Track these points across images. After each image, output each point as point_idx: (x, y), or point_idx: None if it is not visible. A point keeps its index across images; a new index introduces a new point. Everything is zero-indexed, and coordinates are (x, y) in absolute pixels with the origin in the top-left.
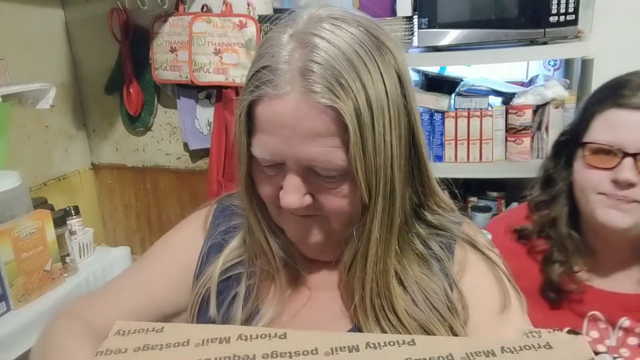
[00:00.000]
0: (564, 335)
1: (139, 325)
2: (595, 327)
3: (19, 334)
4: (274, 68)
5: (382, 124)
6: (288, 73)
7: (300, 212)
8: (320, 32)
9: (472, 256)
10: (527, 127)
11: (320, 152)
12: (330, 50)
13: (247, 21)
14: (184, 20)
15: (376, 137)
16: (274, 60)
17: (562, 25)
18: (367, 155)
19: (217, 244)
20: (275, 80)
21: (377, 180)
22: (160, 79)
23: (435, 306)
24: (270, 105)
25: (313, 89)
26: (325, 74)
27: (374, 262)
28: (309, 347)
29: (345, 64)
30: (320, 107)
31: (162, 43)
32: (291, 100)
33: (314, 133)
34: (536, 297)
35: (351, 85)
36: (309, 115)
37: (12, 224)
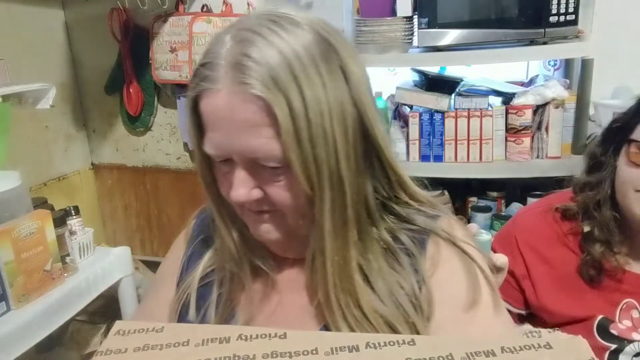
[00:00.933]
0: (564, 335)
1: (139, 325)
2: (628, 316)
3: (19, 334)
4: (212, 64)
5: (320, 115)
6: (222, 68)
7: (253, 206)
8: (258, 29)
9: (446, 251)
10: (527, 127)
11: (258, 143)
12: (265, 46)
13: None
14: (184, 20)
15: (312, 128)
16: (212, 56)
17: (562, 25)
18: (303, 145)
19: (197, 252)
20: (212, 76)
21: (319, 171)
22: (160, 79)
23: (401, 303)
24: (209, 100)
25: (244, 80)
26: (256, 67)
27: (331, 257)
28: (309, 347)
29: (279, 58)
30: (251, 98)
31: (162, 43)
32: (225, 93)
33: (249, 124)
34: (572, 280)
35: (283, 76)
36: (241, 106)
37: (12, 224)
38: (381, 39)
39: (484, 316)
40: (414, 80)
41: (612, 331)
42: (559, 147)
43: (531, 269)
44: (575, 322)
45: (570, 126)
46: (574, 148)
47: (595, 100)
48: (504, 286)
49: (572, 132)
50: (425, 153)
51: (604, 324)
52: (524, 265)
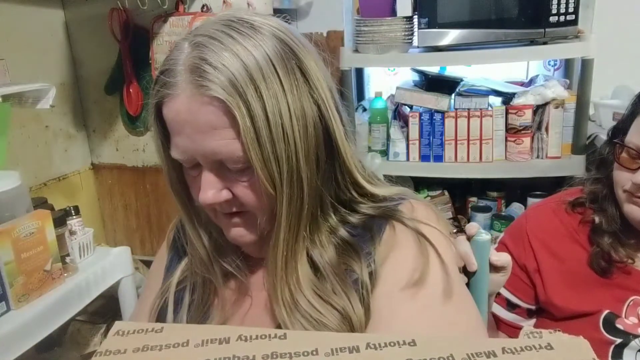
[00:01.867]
0: (565, 336)
1: (139, 326)
2: (635, 313)
3: (19, 334)
4: (171, 70)
5: (279, 114)
6: (181, 73)
7: (224, 208)
8: (214, 34)
9: (402, 234)
10: (527, 127)
11: (220, 145)
12: (221, 50)
13: None
14: (184, 20)
15: (272, 128)
16: (171, 63)
17: (562, 25)
18: (263, 145)
19: (175, 258)
20: (171, 82)
21: (279, 170)
22: None
23: (347, 292)
24: (170, 106)
25: (201, 83)
26: (213, 70)
27: (282, 251)
28: (309, 347)
29: (235, 61)
30: (210, 100)
31: (162, 43)
32: (185, 97)
33: (209, 126)
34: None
35: (240, 77)
36: (201, 109)
37: (12, 224)
38: (381, 39)
39: (425, 297)
40: (414, 80)
41: (618, 325)
42: (559, 147)
43: (541, 264)
44: (582, 317)
45: (570, 126)
46: (574, 148)
47: (595, 100)
48: (515, 282)
49: (572, 132)
50: (425, 153)
51: (610, 318)
52: (535, 259)
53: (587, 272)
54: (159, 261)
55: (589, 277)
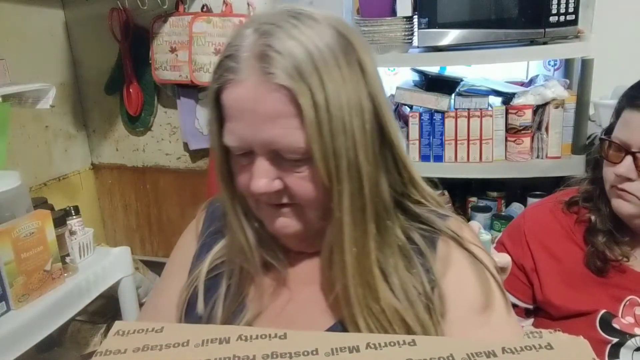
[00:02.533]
0: (565, 336)
1: (139, 326)
2: (631, 313)
3: (19, 334)
4: (235, 56)
5: (340, 107)
6: (247, 60)
7: (273, 199)
8: (280, 23)
9: (456, 253)
10: (527, 127)
11: (282, 134)
12: (286, 38)
13: None
14: (184, 20)
15: (333, 120)
16: (235, 49)
17: (562, 25)
18: (324, 136)
19: (207, 245)
20: (236, 67)
21: (338, 163)
22: (160, 79)
23: (413, 301)
24: (232, 91)
25: (269, 71)
26: (280, 58)
27: (350, 249)
28: (309, 347)
29: (301, 50)
30: (277, 88)
31: (162, 43)
32: (250, 83)
33: (273, 114)
34: (578, 275)
35: (306, 67)
36: (267, 96)
37: (12, 224)
38: (381, 39)
39: (497, 319)
40: (414, 80)
41: (615, 325)
42: (559, 147)
43: (539, 263)
44: (578, 316)
45: (570, 126)
46: (574, 148)
47: (595, 100)
48: (513, 281)
49: (572, 132)
50: (425, 153)
51: (607, 318)
52: (532, 259)
53: (583, 271)
54: (184, 250)
55: (586, 276)
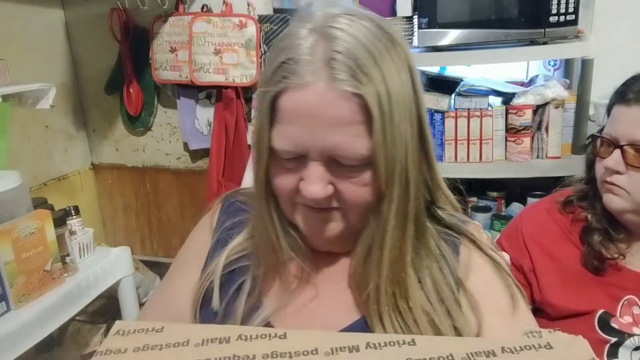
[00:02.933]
0: (565, 335)
1: (139, 325)
2: (629, 312)
3: (19, 334)
4: (297, 60)
5: (398, 113)
6: (312, 64)
7: (321, 203)
8: (339, 25)
9: (478, 258)
10: (527, 127)
11: (344, 141)
12: (351, 41)
13: (247, 21)
14: (184, 20)
15: (394, 126)
16: (296, 52)
17: (562, 25)
18: (387, 143)
19: (223, 240)
20: (300, 71)
21: (394, 169)
22: (160, 79)
23: (445, 301)
24: (296, 96)
25: (338, 77)
26: (348, 62)
27: (389, 250)
28: (309, 347)
29: (365, 53)
30: (346, 95)
31: (162, 43)
32: (316, 89)
33: (339, 121)
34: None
35: (373, 72)
36: (334, 103)
37: (12, 224)
38: None
39: (525, 318)
40: None
41: (613, 325)
42: (559, 147)
43: (536, 264)
44: (577, 316)
45: (570, 126)
46: (574, 148)
47: (595, 100)
48: None
49: (572, 132)
50: None
51: (605, 317)
52: (530, 259)
53: (581, 271)
54: (197, 243)
55: (583, 276)
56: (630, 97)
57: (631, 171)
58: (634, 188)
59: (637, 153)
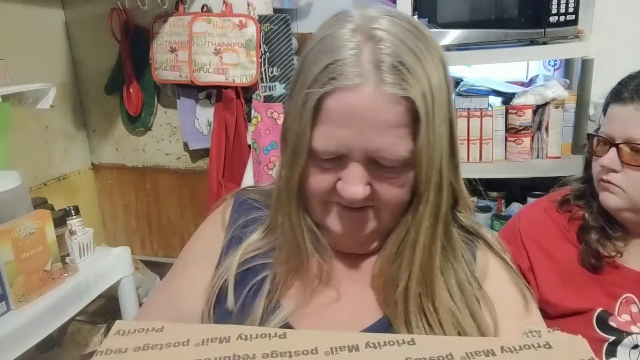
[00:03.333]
0: (564, 334)
1: (139, 325)
2: (627, 311)
3: (19, 334)
4: (344, 61)
5: (439, 113)
6: (360, 66)
7: (358, 203)
8: (382, 26)
9: (493, 261)
10: (527, 127)
11: (390, 143)
12: (396, 42)
13: (247, 21)
14: (184, 20)
15: (435, 126)
16: (342, 54)
17: (562, 25)
18: (429, 145)
19: (237, 237)
20: (347, 73)
21: (432, 170)
22: (160, 79)
23: (468, 301)
24: (344, 97)
25: (387, 80)
26: (396, 64)
27: (421, 250)
28: (308, 346)
29: (410, 54)
30: (395, 98)
31: (162, 43)
32: (366, 92)
33: (386, 124)
34: (573, 273)
35: (418, 73)
36: (383, 106)
37: (12, 224)
38: None
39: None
40: None
41: (611, 323)
42: (559, 147)
43: (534, 263)
44: (575, 314)
45: (570, 126)
46: (574, 148)
47: (595, 100)
48: None
49: (572, 132)
50: None
51: (603, 316)
52: (528, 258)
53: (578, 269)
54: (207, 239)
55: (581, 274)
56: (626, 96)
57: (627, 169)
58: (630, 186)
59: (633, 151)
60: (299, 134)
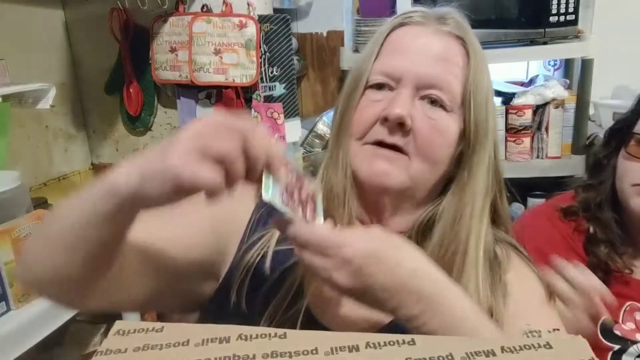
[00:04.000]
0: (564, 335)
1: (139, 325)
2: (632, 319)
3: (19, 334)
4: (412, 13)
5: (487, 80)
6: (424, 16)
7: (394, 133)
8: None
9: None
10: (527, 127)
11: (443, 73)
12: (460, 20)
13: (247, 21)
14: (184, 20)
15: (485, 85)
16: (409, 13)
17: (562, 25)
18: (478, 102)
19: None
20: (415, 17)
21: (482, 129)
22: (160, 79)
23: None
24: (409, 30)
25: (448, 23)
26: (458, 22)
27: (466, 232)
28: (308, 347)
29: (470, 33)
30: (452, 36)
31: (162, 43)
32: (428, 28)
33: (442, 57)
34: None
35: (475, 42)
36: (442, 39)
37: (12, 224)
38: None
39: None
40: None
41: (616, 332)
42: (559, 147)
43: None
44: None
45: (570, 126)
46: (574, 148)
47: (595, 100)
48: None
49: (572, 132)
50: None
51: (608, 325)
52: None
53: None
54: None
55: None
56: None
57: None
58: None
59: None
60: (361, 67)
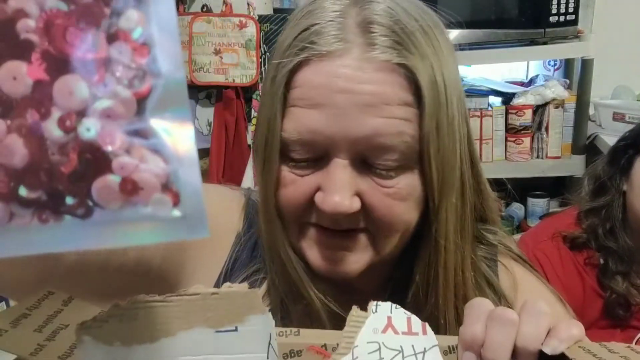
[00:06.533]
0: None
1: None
2: None
3: None
4: (324, 25)
5: (454, 104)
6: (343, 28)
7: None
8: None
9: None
10: (527, 127)
11: (383, 125)
12: (395, 7)
13: (247, 21)
14: (184, 20)
15: (449, 117)
16: (322, 17)
17: (562, 25)
18: (441, 139)
19: (242, 262)
20: (327, 37)
21: (449, 174)
22: None
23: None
24: (321, 67)
25: (377, 42)
26: (393, 26)
27: (451, 280)
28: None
29: (414, 22)
30: (388, 66)
31: None
32: (349, 58)
33: (378, 99)
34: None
35: (423, 45)
36: (372, 75)
37: None
38: None
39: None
40: None
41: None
42: (559, 147)
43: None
44: None
45: (570, 126)
46: (574, 148)
47: (595, 100)
48: None
49: (572, 132)
50: None
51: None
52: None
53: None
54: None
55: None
56: None
57: None
58: None
59: None
60: (269, 123)
